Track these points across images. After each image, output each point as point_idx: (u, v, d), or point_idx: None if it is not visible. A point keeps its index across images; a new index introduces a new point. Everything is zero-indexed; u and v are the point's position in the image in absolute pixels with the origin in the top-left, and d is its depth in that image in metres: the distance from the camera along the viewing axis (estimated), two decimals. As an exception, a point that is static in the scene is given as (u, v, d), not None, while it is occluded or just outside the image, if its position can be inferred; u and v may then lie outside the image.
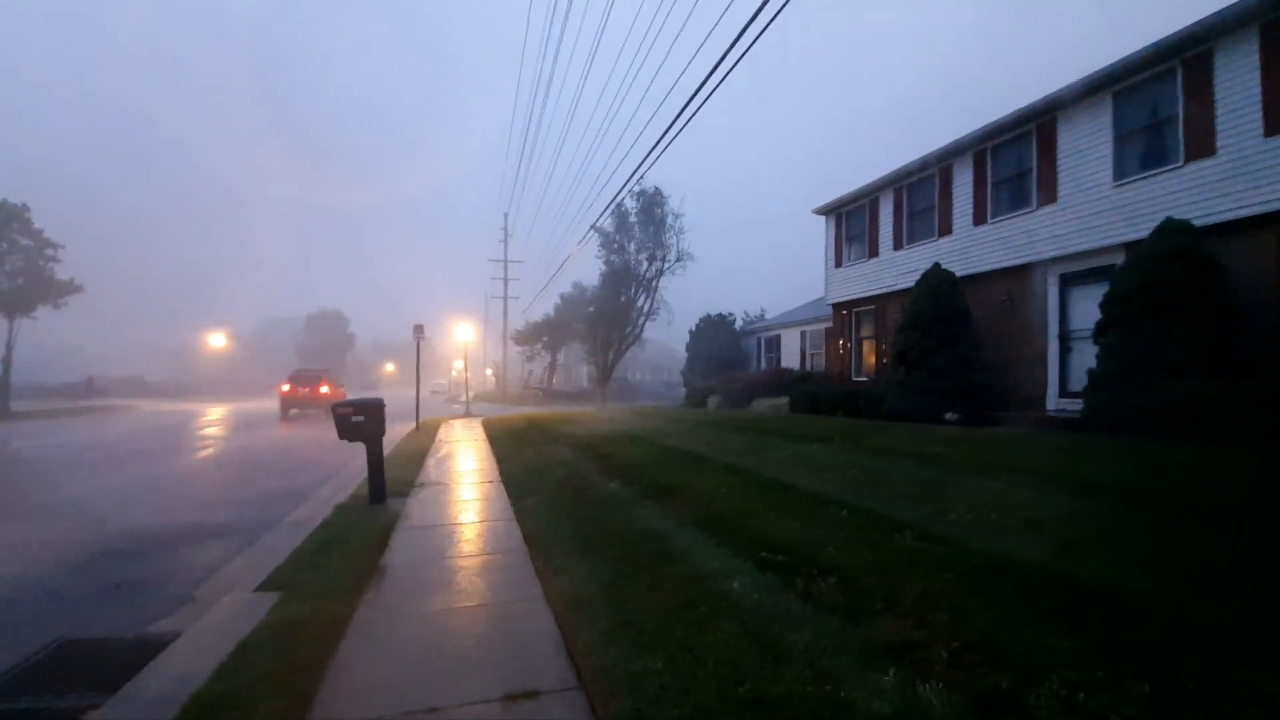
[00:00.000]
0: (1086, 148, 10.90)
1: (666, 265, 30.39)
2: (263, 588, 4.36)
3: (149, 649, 3.48)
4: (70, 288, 27.92)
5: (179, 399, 44.61)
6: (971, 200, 13.30)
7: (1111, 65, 10.24)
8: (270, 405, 31.78)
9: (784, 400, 17.59)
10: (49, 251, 27.37)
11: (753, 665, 2.82)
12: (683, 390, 28.94)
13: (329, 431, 7.14)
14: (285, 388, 23.72)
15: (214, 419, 23.19)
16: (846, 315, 17.75)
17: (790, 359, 24.20)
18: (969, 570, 3.82)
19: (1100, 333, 8.99)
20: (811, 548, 4.41)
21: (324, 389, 23.62)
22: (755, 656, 2.91)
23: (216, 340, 54.68)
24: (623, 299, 31.31)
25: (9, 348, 26.40)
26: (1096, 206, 10.69)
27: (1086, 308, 10.42)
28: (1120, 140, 10.43)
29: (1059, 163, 11.40)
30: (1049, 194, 11.55)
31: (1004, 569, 3.82)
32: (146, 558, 5.51)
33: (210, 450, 13.66)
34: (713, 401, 23.02)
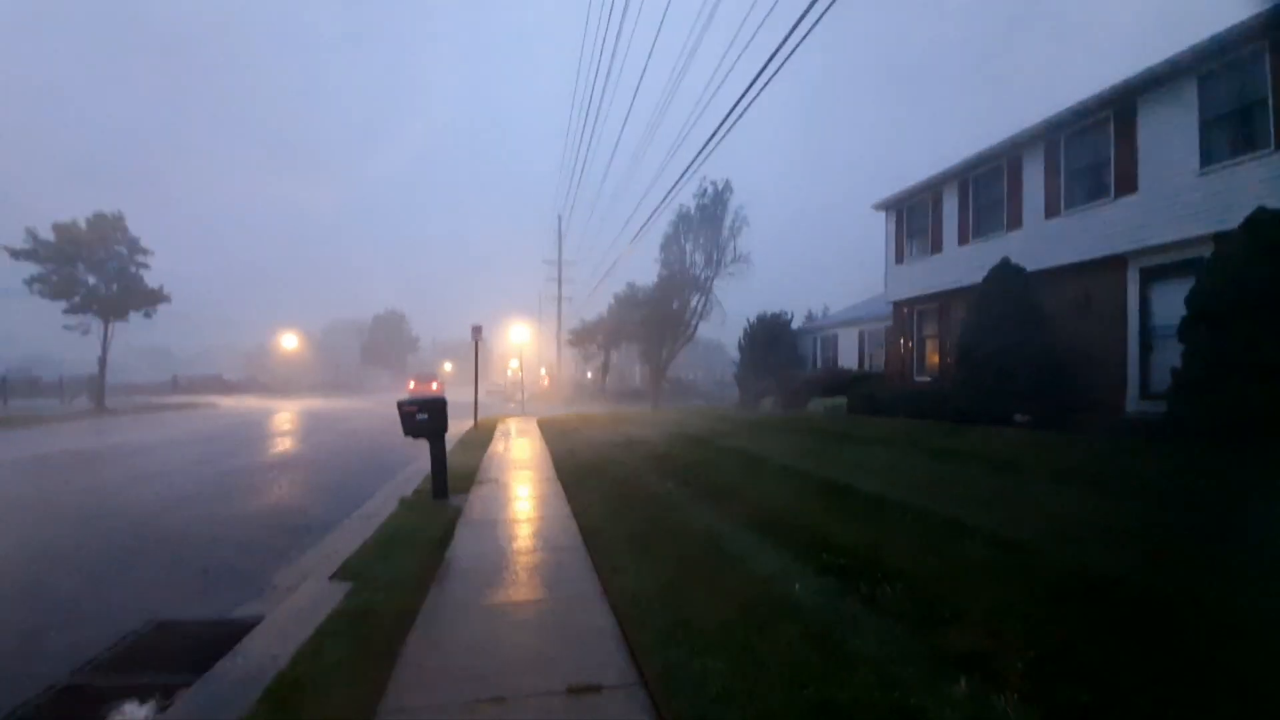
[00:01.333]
0: (1169, 134, 10.25)
1: (724, 266, 30.19)
2: (336, 577, 4.56)
3: (234, 632, 3.69)
4: (159, 296, 29.73)
5: (257, 395, 47.04)
6: (1043, 192, 12.71)
7: (1194, 46, 9.59)
8: (342, 405, 33.28)
9: (841, 401, 17.22)
10: (139, 258, 29.21)
11: (816, 669, 2.79)
12: (735, 390, 28.60)
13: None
14: (411, 385, 39.01)
15: (288, 418, 24.32)
16: (908, 313, 17.25)
17: (848, 359, 23.67)
18: (1044, 581, 3.67)
19: (1186, 331, 8.44)
20: (875, 552, 4.32)
21: (434, 385, 39.30)
22: (819, 660, 2.87)
23: (289, 341, 57.73)
24: (675, 304, 31.28)
25: (104, 349, 28.36)
26: (1181, 196, 10.04)
27: (1170, 304, 9.80)
28: (1206, 125, 9.77)
29: (1139, 150, 10.76)
30: (1128, 183, 10.93)
31: (1081, 580, 3.65)
32: (228, 544, 5.84)
33: (282, 448, 14.35)
34: (767, 402, 22.74)
